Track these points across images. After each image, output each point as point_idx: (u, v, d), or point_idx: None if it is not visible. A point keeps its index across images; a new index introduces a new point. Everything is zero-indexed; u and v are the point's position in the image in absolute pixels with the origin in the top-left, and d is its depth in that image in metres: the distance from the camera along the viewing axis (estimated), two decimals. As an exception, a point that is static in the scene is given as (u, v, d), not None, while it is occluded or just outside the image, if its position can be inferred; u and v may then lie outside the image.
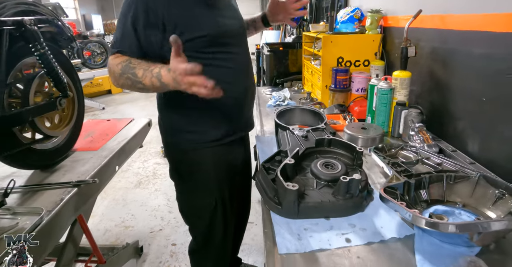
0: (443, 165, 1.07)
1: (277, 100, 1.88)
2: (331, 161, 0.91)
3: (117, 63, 1.14)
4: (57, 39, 1.78)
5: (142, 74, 1.08)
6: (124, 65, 1.12)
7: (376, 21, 1.76)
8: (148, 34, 1.16)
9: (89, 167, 1.58)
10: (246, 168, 1.54)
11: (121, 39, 1.17)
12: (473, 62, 1.15)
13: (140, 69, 1.09)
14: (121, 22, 1.18)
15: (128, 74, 1.11)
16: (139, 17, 1.14)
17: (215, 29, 1.22)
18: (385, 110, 1.40)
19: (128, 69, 1.11)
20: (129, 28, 1.15)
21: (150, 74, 1.07)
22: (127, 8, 1.16)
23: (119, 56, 1.16)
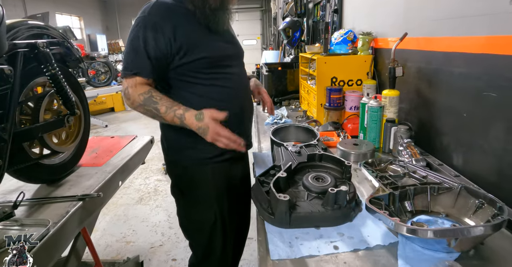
0: (428, 177, 1.13)
1: (275, 119, 1.96)
2: (321, 175, 0.98)
3: (139, 94, 1.20)
4: (66, 60, 1.88)
5: (165, 111, 1.18)
6: (147, 98, 1.20)
7: (367, 43, 1.86)
8: (158, 57, 1.22)
9: (94, 182, 1.64)
10: (245, 184, 1.59)
11: (135, 61, 1.23)
12: (454, 81, 1.23)
13: (162, 106, 1.19)
14: (133, 44, 1.23)
15: (150, 107, 1.19)
16: (149, 40, 1.21)
17: (215, 52, 1.30)
18: (376, 127, 1.48)
19: (150, 103, 1.19)
20: (142, 50, 1.20)
21: (173, 113, 1.18)
22: (137, 31, 1.22)
23: (138, 84, 1.22)
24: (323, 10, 3.06)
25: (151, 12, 1.22)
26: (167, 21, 1.22)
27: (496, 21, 1.02)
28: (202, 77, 1.29)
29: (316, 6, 3.34)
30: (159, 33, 1.20)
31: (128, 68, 1.23)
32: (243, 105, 1.41)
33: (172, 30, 1.22)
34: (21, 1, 10.35)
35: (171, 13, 1.25)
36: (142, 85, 1.22)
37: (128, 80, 1.23)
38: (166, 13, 1.24)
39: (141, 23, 1.22)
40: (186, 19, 1.27)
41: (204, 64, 1.28)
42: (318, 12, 3.24)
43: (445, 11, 1.26)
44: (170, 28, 1.22)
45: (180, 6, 1.28)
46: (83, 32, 14.33)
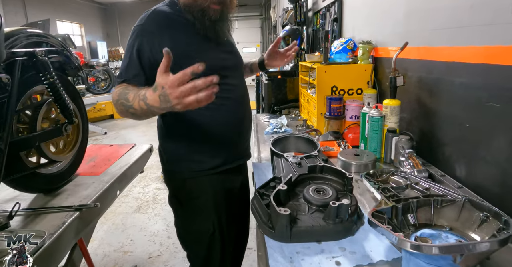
0: (431, 189, 1.11)
1: (275, 128, 1.94)
2: (322, 187, 0.96)
3: (116, 91, 1.17)
4: (65, 68, 1.87)
5: (132, 97, 1.05)
6: (121, 92, 1.13)
7: (367, 51, 1.85)
8: (152, 66, 1.18)
9: (91, 192, 1.62)
10: (244, 195, 1.58)
11: (127, 69, 1.22)
12: (456, 91, 1.22)
13: (131, 93, 1.07)
14: (127, 52, 1.23)
15: (122, 99, 1.10)
16: (144, 48, 1.20)
17: (213, 63, 1.26)
18: (377, 137, 1.46)
19: (123, 95, 1.11)
20: (134, 59, 1.20)
21: (138, 97, 1.03)
22: (133, 40, 1.21)
23: (122, 86, 1.19)
24: (322, 19, 3.07)
25: (148, 21, 1.22)
26: (164, 30, 1.22)
27: (498, 31, 1.01)
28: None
29: (316, 15, 3.35)
30: (154, 41, 1.20)
31: (120, 75, 1.23)
32: (242, 116, 1.40)
33: (169, 40, 1.20)
34: (22, 8, 10.41)
35: (169, 22, 1.24)
36: (124, 85, 1.19)
37: (118, 85, 1.22)
38: (163, 22, 1.23)
39: (137, 32, 1.21)
40: (184, 29, 1.27)
41: (201, 75, 1.26)
42: (318, 20, 3.25)
43: (445, 21, 1.26)
44: (167, 37, 1.21)
45: (179, 16, 1.27)
46: (84, 39, 14.39)
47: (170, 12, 1.26)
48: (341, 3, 2.52)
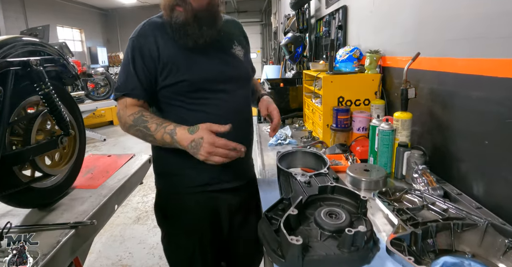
0: (449, 211, 1.05)
1: (278, 139, 1.88)
2: (335, 210, 0.89)
3: (129, 114, 1.18)
4: (62, 77, 1.81)
5: (155, 129, 1.12)
6: (137, 118, 1.16)
7: (375, 61, 1.79)
8: (147, 78, 1.21)
9: (88, 207, 1.55)
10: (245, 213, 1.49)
11: (125, 82, 1.22)
12: (473, 105, 1.16)
13: (153, 124, 1.13)
14: (125, 65, 1.23)
15: (140, 127, 1.15)
16: (137, 61, 1.21)
17: (199, 75, 1.23)
18: (387, 152, 1.40)
19: (140, 122, 1.15)
20: (132, 72, 1.20)
21: (163, 130, 1.11)
22: (129, 53, 1.22)
23: (128, 106, 1.20)
24: (326, 26, 3.02)
25: (140, 32, 1.23)
26: (153, 41, 1.22)
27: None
28: (186, 101, 1.26)
29: (319, 22, 3.30)
30: (146, 53, 1.20)
31: (119, 89, 1.23)
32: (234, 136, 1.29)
33: (157, 50, 1.21)
34: (22, 14, 10.40)
35: (159, 32, 1.23)
36: (133, 106, 1.21)
37: (119, 101, 1.23)
38: (154, 33, 1.23)
39: (131, 44, 1.23)
40: (174, 40, 1.24)
41: (186, 87, 1.24)
42: (321, 27, 3.20)
43: (462, 32, 1.19)
44: (156, 48, 1.21)
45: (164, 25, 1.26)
46: (84, 44, 14.39)
47: (162, 22, 1.25)
48: (345, 10, 2.47)
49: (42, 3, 11.15)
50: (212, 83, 1.26)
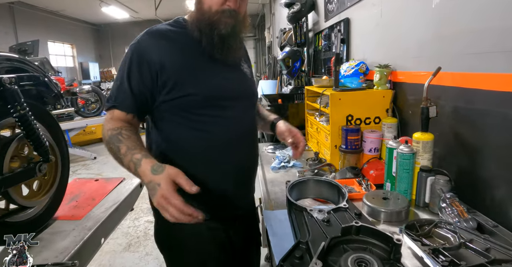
0: (492, 250, 0.89)
1: (281, 161, 1.72)
2: (364, 257, 0.73)
3: (108, 129, 1.08)
4: (43, 96, 1.66)
5: (125, 152, 1.02)
6: (114, 134, 1.06)
7: (385, 76, 1.66)
8: (142, 91, 1.11)
9: (70, 242, 1.38)
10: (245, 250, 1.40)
11: (116, 94, 1.12)
12: (511, 126, 1.01)
13: (124, 146, 1.03)
14: (119, 74, 1.13)
15: (112, 145, 1.05)
16: (133, 71, 1.10)
17: (207, 90, 1.13)
18: (408, 177, 1.25)
19: (114, 140, 1.05)
20: (125, 81, 1.10)
21: (130, 156, 1.01)
22: (125, 60, 1.12)
23: (114, 118, 1.10)
24: (325, 40, 2.91)
25: (142, 39, 1.12)
26: (155, 50, 1.10)
27: None
28: (190, 118, 1.14)
29: (318, 35, 3.20)
30: (144, 64, 1.09)
31: (109, 99, 1.14)
32: (240, 159, 1.21)
33: (159, 61, 1.09)
34: (12, 28, 10.26)
35: (164, 41, 1.13)
36: (117, 120, 1.10)
37: (108, 112, 1.13)
38: (158, 41, 1.12)
39: (129, 52, 1.12)
40: (183, 48, 1.14)
41: (191, 102, 1.12)
42: (320, 41, 3.09)
43: (491, 44, 1.06)
44: (158, 58, 1.09)
45: (180, 33, 1.16)
46: (76, 60, 14.25)
47: (170, 30, 1.16)
48: (347, 23, 2.35)
49: (33, 18, 11.03)
50: (220, 100, 1.16)
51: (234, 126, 1.18)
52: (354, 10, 2.26)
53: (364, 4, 2.07)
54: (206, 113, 1.14)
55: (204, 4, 1.11)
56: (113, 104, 1.11)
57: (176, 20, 1.21)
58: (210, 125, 1.15)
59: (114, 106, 1.11)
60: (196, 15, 1.14)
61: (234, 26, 1.12)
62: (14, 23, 10.29)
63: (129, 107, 1.11)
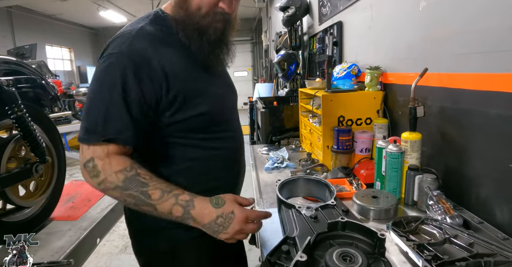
0: (476, 245, 0.92)
1: (275, 162, 1.74)
2: (348, 251, 0.76)
3: (117, 171, 0.83)
4: (40, 99, 1.68)
5: (160, 197, 0.83)
6: (130, 177, 0.83)
7: (376, 78, 1.70)
8: (144, 113, 0.89)
9: (66, 242, 1.40)
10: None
11: (108, 120, 0.84)
12: (493, 125, 1.05)
13: (156, 189, 0.83)
14: (104, 94, 0.85)
15: (135, 192, 0.82)
16: (131, 88, 0.85)
17: (218, 104, 1.02)
18: (397, 176, 1.28)
19: (135, 185, 0.82)
20: (120, 103, 0.84)
21: (173, 200, 0.83)
22: (112, 74, 0.86)
23: (112, 156, 0.84)
24: (320, 43, 2.95)
25: (133, 46, 0.88)
26: (155, 56, 0.89)
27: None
28: (203, 137, 1.00)
29: (312, 39, 3.24)
30: (145, 75, 0.87)
31: (96, 130, 0.84)
32: (240, 168, 1.16)
33: (162, 70, 0.89)
34: (10, 32, 10.27)
35: (159, 44, 0.92)
36: (119, 157, 0.85)
37: (94, 148, 0.84)
38: (155, 48, 0.91)
39: (117, 63, 0.86)
40: (180, 55, 0.96)
41: (207, 121, 0.99)
42: (314, 44, 3.13)
43: (476, 45, 1.10)
44: (160, 67, 0.89)
45: (169, 34, 0.96)
46: (73, 63, 14.25)
47: (158, 31, 0.96)
48: (340, 26, 2.39)
49: (30, 22, 11.05)
50: (227, 113, 1.09)
51: (238, 136, 1.14)
52: (347, 13, 2.30)
53: (356, 7, 2.11)
54: (221, 129, 1.05)
55: (192, 3, 0.93)
56: (109, 137, 0.84)
57: (157, 15, 0.99)
58: (223, 141, 1.05)
59: (110, 139, 0.84)
60: (181, 15, 0.96)
61: (224, 30, 0.99)
62: (12, 27, 10.30)
63: (130, 140, 0.87)
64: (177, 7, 0.96)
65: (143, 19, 0.97)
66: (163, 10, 1.00)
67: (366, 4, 1.94)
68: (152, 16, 0.98)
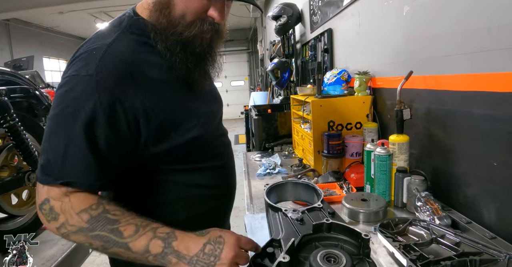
0: (462, 244, 0.93)
1: (267, 168, 1.75)
2: (333, 252, 0.76)
3: (79, 211, 0.69)
4: (34, 108, 1.70)
5: (134, 232, 0.69)
6: (96, 216, 0.70)
7: (364, 82, 1.72)
8: (116, 149, 0.76)
9: (57, 251, 1.40)
10: None
11: (65, 161, 0.71)
12: (477, 124, 1.06)
13: (129, 225, 0.69)
14: (61, 130, 0.72)
15: (102, 231, 0.68)
16: (98, 120, 0.72)
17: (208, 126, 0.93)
18: (385, 178, 1.29)
19: (103, 223, 0.69)
20: (80, 142, 0.71)
21: (151, 233, 0.69)
22: (74, 106, 0.71)
23: (72, 195, 0.71)
24: (312, 50, 2.98)
25: (103, 69, 0.74)
26: (131, 87, 0.76)
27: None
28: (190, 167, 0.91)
29: (304, 46, 3.28)
30: (119, 110, 0.74)
31: (52, 170, 0.71)
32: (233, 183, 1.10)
33: (142, 105, 0.77)
34: (8, 45, 10.34)
35: (138, 69, 0.79)
36: (81, 194, 0.72)
37: (49, 188, 0.72)
38: (130, 71, 0.77)
39: (83, 89, 0.72)
40: (160, 72, 0.83)
41: (196, 147, 0.89)
42: (307, 52, 3.17)
43: (457, 47, 1.12)
44: (139, 102, 0.77)
45: (147, 44, 0.83)
46: (71, 76, 14.31)
47: (132, 44, 0.81)
48: (331, 33, 2.43)
49: (28, 34, 11.14)
50: (218, 138, 1.01)
51: (229, 151, 1.07)
52: (336, 21, 2.34)
53: (344, 15, 2.15)
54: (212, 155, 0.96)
55: (176, 9, 0.80)
56: (66, 181, 0.71)
57: (131, 21, 0.85)
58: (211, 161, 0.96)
59: (68, 183, 0.71)
60: (161, 23, 0.82)
61: (211, 42, 0.87)
62: (10, 40, 10.38)
63: (96, 183, 0.74)
64: (157, 12, 0.81)
65: (115, 28, 0.84)
66: (136, 12, 0.87)
67: (354, 11, 1.98)
68: (125, 22, 0.85)
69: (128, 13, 0.88)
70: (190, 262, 0.67)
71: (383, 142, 1.32)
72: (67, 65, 0.79)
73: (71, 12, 9.51)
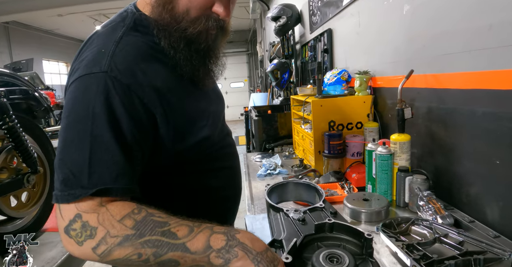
0: (466, 243, 0.92)
1: (268, 169, 1.74)
2: (336, 252, 0.76)
3: (121, 218, 0.62)
4: (33, 110, 1.69)
5: (189, 231, 0.62)
6: (140, 219, 0.62)
7: (365, 82, 1.71)
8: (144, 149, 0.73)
9: (57, 253, 1.39)
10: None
11: (94, 167, 0.64)
12: (479, 122, 1.05)
13: (181, 225, 0.63)
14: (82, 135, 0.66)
15: (153, 236, 0.61)
16: (120, 116, 0.68)
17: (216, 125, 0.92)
18: (387, 178, 1.28)
19: (151, 227, 0.62)
20: (106, 138, 0.66)
21: (207, 231, 0.63)
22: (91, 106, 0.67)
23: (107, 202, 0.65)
24: (311, 51, 2.98)
25: (116, 64, 0.71)
26: (146, 81, 0.74)
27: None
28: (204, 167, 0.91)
29: (304, 47, 3.27)
30: (139, 106, 0.71)
31: (80, 181, 0.64)
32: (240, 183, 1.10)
33: (158, 97, 0.75)
34: (7, 47, 10.35)
35: (149, 64, 0.77)
36: (119, 202, 0.66)
37: (78, 203, 0.63)
38: (142, 67, 0.75)
39: (98, 86, 0.68)
40: (168, 70, 0.81)
41: (207, 147, 0.88)
42: (306, 52, 3.17)
43: (458, 45, 1.11)
44: (155, 94, 0.74)
45: (153, 42, 0.80)
46: (70, 78, 14.31)
47: (140, 41, 0.79)
48: (330, 33, 2.43)
49: (27, 37, 11.15)
50: (225, 137, 1.00)
51: (235, 151, 1.06)
52: (336, 21, 2.33)
53: (344, 15, 2.14)
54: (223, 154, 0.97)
55: (179, 4, 0.78)
56: (99, 189, 0.63)
57: (135, 18, 0.82)
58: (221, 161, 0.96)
59: (100, 192, 0.64)
60: (165, 19, 0.79)
61: (216, 39, 0.85)
62: (9, 42, 10.39)
63: (131, 187, 0.69)
64: (160, 7, 0.78)
65: (119, 25, 0.80)
66: (138, 8, 0.84)
67: (353, 11, 1.97)
68: (129, 19, 0.81)
69: (130, 9, 0.84)
70: (255, 259, 0.62)
71: (385, 141, 1.31)
72: (72, 69, 0.75)
73: (71, 15, 9.53)
